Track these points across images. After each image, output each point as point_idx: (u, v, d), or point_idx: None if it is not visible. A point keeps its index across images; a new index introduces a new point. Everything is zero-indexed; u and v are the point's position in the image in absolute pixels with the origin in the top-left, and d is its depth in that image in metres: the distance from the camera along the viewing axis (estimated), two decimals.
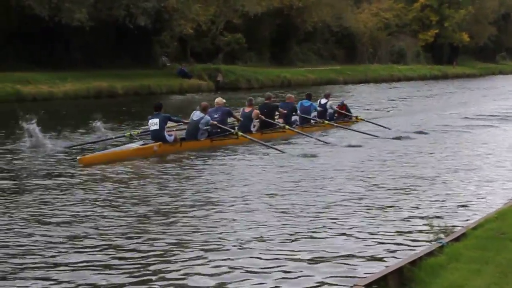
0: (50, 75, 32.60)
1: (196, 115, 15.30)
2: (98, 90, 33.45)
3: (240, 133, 15.53)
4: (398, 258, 6.61)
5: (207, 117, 15.29)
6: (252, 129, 16.69)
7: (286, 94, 21.72)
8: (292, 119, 18.44)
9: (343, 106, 21.19)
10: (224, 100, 16.79)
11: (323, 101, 20.10)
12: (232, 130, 15.82)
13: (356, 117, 21.15)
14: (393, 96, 37.83)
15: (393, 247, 7.21)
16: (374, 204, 9.41)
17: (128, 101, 29.28)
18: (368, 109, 28.05)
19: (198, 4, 42.37)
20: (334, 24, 61.99)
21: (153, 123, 14.47)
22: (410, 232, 7.90)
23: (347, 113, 21.01)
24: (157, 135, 14.40)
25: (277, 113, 17.94)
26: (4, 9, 33.67)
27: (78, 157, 12.95)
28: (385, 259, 6.78)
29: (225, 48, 50.33)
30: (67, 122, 16.45)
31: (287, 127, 17.17)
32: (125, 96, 33.76)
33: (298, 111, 18.83)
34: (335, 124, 19.28)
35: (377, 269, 5.90)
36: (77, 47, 37.36)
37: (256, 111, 16.91)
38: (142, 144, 14.46)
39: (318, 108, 19.42)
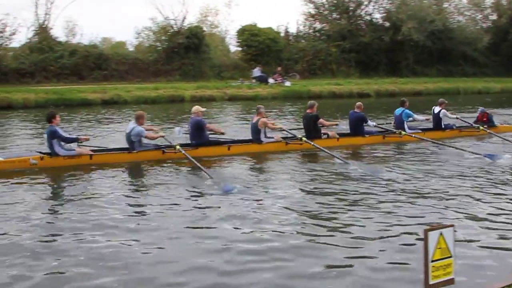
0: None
1: (129, 126, 13.57)
2: None
3: (178, 147, 13.28)
4: None
5: (138, 128, 13.33)
6: (263, 139, 15.02)
7: None
8: (366, 129, 16.96)
9: (484, 114, 19.67)
10: (203, 109, 14.81)
11: (437, 109, 18.49)
12: (173, 143, 13.72)
13: (479, 127, 18.53)
14: None
15: None
16: None
17: None
18: None
19: None
20: None
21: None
22: None
23: (466, 123, 19.24)
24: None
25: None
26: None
27: None
28: None
29: None
30: None
31: (304, 139, 14.91)
32: None
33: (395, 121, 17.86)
34: (418, 137, 16.80)
35: None
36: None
37: (263, 119, 14.93)
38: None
39: (415, 116, 17.85)
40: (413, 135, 16.84)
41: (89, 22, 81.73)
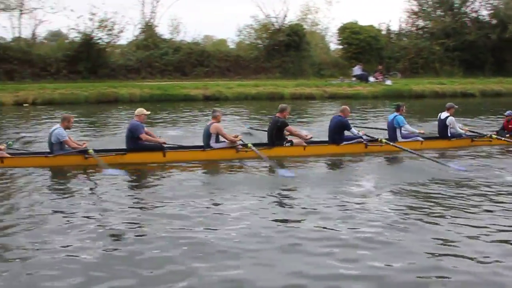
0: None
1: (53, 127, 12.60)
2: None
3: (91, 152, 12.15)
4: None
5: (58, 130, 12.28)
6: (213, 145, 13.36)
7: None
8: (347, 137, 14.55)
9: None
10: (147, 112, 13.15)
11: (444, 115, 15.66)
12: (89, 149, 12.31)
13: (491, 136, 15.85)
14: None
15: None
16: None
17: None
18: None
19: None
20: None
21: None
22: None
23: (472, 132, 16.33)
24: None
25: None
26: None
27: None
28: None
29: None
30: None
31: (250, 145, 13.19)
32: None
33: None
34: (399, 147, 14.00)
35: None
36: None
37: (215, 125, 13.33)
38: None
39: (406, 125, 15.07)
40: (392, 144, 14.19)
41: (192, 20, 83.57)
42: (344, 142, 14.33)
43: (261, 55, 44.44)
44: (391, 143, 14.12)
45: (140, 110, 13.00)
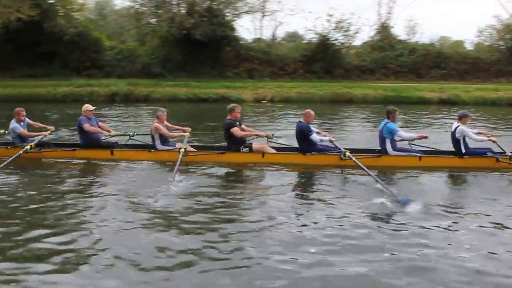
0: None
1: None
2: None
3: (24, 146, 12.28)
4: None
5: (12, 126, 13.11)
6: (159, 147, 12.92)
7: None
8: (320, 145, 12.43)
9: None
10: (91, 108, 13.12)
11: (454, 125, 12.40)
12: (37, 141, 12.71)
13: (511, 157, 11.93)
14: None
15: None
16: None
17: None
18: None
19: None
20: None
21: None
22: None
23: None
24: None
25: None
26: None
27: None
28: None
29: None
30: None
31: (182, 150, 11.83)
32: None
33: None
34: (357, 162, 10.90)
35: None
36: None
37: (155, 124, 12.87)
38: None
39: (399, 132, 12.15)
40: (355, 159, 11.31)
41: (429, 20, 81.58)
42: (312, 153, 12.43)
43: (503, 57, 42.09)
44: (353, 158, 11.35)
45: (86, 106, 13.20)
